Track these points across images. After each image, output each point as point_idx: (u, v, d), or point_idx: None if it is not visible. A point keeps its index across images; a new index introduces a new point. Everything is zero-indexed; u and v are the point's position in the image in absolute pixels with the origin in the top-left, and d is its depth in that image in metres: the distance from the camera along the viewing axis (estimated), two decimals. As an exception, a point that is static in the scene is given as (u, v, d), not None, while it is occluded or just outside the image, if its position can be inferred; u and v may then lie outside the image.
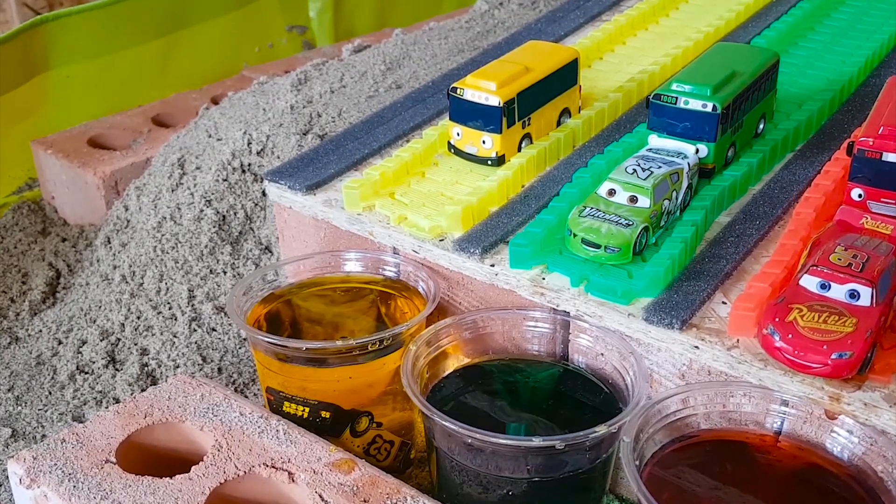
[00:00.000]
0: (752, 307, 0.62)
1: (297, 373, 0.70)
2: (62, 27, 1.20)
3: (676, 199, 0.72)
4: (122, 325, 0.91)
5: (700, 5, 1.14)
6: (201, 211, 0.96)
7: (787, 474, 0.60)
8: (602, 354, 0.68)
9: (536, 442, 0.59)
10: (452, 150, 0.84)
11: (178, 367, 0.86)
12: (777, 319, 0.59)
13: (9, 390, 0.85)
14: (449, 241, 0.74)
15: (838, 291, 0.60)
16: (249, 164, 1.00)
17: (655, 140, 0.77)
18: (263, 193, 0.99)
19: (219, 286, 0.93)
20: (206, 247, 0.94)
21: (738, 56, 0.82)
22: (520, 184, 0.80)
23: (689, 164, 0.73)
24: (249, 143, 1.00)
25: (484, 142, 0.81)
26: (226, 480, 0.58)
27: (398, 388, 0.70)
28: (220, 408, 0.64)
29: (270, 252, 0.97)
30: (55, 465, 0.59)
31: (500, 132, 0.80)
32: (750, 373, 0.60)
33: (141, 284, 0.94)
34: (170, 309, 0.91)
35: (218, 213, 0.96)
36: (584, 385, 0.69)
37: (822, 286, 0.61)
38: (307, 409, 0.69)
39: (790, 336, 0.58)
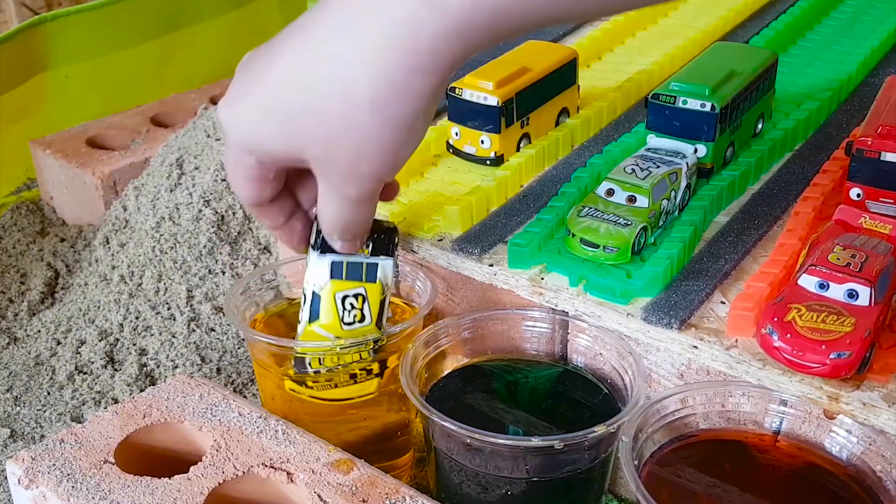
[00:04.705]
0: (750, 307, 0.62)
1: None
2: (61, 27, 1.19)
3: (675, 198, 0.72)
4: (121, 325, 0.91)
5: (699, 5, 1.14)
6: (200, 211, 0.95)
7: (786, 474, 0.60)
8: (601, 354, 0.68)
9: (535, 442, 0.59)
10: (451, 150, 0.84)
11: (176, 367, 0.86)
12: (776, 319, 0.59)
13: (7, 391, 0.85)
14: (447, 240, 0.74)
15: (837, 291, 0.60)
16: (248, 164, 0.99)
17: (654, 140, 0.77)
18: (262, 193, 0.99)
19: (217, 286, 0.93)
20: (204, 247, 0.94)
21: (737, 56, 0.82)
22: (518, 183, 0.80)
23: (687, 163, 0.73)
24: (248, 143, 1.00)
25: (482, 142, 0.81)
26: (224, 481, 0.58)
27: (395, 388, 0.69)
28: (219, 408, 0.64)
29: (269, 252, 0.97)
30: (54, 465, 0.59)
31: (499, 132, 0.80)
32: (749, 372, 0.60)
33: (139, 285, 0.94)
34: (168, 309, 0.91)
35: (216, 213, 0.96)
36: (582, 385, 0.69)
37: (821, 286, 0.61)
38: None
39: (789, 336, 0.58)
